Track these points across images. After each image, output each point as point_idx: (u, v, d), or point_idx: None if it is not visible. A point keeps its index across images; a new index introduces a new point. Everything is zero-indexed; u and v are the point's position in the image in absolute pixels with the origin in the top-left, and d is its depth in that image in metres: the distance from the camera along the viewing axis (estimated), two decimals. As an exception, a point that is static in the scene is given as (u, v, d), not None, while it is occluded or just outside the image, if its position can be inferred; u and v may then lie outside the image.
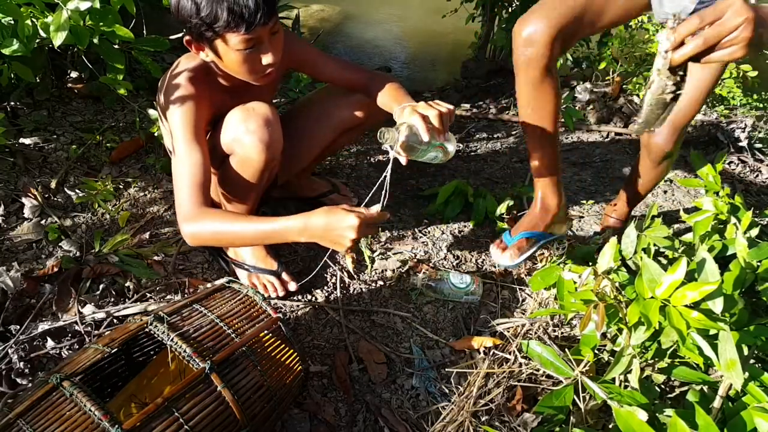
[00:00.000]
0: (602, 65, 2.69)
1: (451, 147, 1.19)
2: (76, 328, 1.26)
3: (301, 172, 1.66)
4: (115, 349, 0.97)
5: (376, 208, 1.09)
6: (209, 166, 1.24)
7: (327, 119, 1.53)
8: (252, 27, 1.10)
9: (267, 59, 1.17)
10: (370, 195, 1.27)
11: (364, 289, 1.51)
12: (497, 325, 1.43)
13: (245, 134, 1.22)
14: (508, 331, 1.40)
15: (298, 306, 1.44)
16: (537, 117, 1.29)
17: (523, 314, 1.46)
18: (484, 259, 1.65)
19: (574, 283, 1.20)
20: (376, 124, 1.65)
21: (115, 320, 1.29)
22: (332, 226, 1.06)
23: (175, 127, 1.21)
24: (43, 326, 1.24)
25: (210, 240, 1.21)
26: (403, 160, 1.13)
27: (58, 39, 1.28)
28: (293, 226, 1.10)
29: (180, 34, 1.76)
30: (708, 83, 1.32)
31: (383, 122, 1.49)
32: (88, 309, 1.30)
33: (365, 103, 1.48)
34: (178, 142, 1.21)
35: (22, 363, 1.17)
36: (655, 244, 1.23)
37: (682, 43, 0.83)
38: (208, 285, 1.38)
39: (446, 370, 1.31)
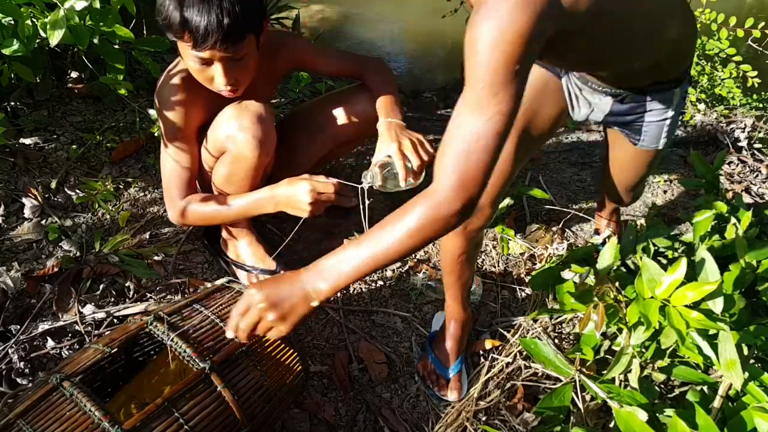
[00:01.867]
0: (602, 65, 2.69)
1: (419, 182, 1.24)
2: (77, 328, 1.26)
3: None
4: (116, 349, 0.97)
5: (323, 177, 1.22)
6: (196, 165, 1.32)
7: (325, 131, 1.53)
8: (199, 46, 1.10)
9: (217, 80, 1.19)
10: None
11: (364, 289, 1.51)
12: (497, 324, 1.43)
13: (238, 131, 1.22)
14: (509, 331, 1.40)
15: (298, 306, 1.44)
16: (462, 280, 1.25)
17: (524, 314, 1.46)
18: (483, 259, 1.65)
19: (574, 283, 1.20)
20: (373, 136, 1.67)
21: (115, 320, 1.29)
22: (292, 194, 1.21)
23: (165, 125, 1.26)
24: (43, 326, 1.24)
25: (197, 223, 1.35)
26: (375, 186, 1.20)
27: (55, 38, 1.28)
28: (262, 197, 1.25)
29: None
30: (646, 164, 1.27)
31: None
32: (89, 309, 1.30)
33: (363, 117, 1.49)
34: (169, 140, 1.27)
35: (22, 363, 1.17)
36: (654, 244, 1.23)
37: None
38: (208, 285, 1.38)
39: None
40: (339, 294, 1.48)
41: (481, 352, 1.36)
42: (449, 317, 1.32)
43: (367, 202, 1.17)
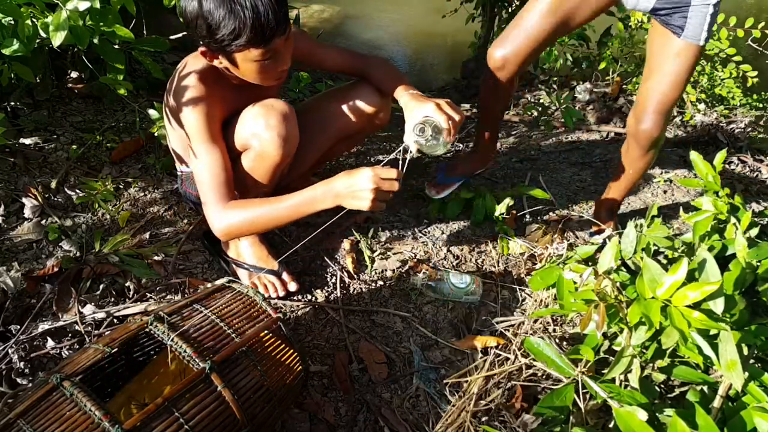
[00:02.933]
0: (602, 65, 2.69)
1: (453, 142, 1.30)
2: (77, 328, 1.26)
3: (298, 177, 1.66)
4: (116, 349, 0.97)
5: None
6: (230, 163, 1.26)
7: (326, 126, 1.54)
8: (271, 41, 1.13)
9: (282, 66, 1.22)
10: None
11: (364, 289, 1.51)
12: (498, 323, 1.42)
13: (265, 129, 1.24)
14: (509, 331, 1.40)
15: (298, 306, 1.44)
16: (493, 109, 1.69)
17: (523, 314, 1.46)
18: (484, 259, 1.65)
19: (575, 283, 1.20)
20: (374, 133, 1.67)
21: (115, 320, 1.29)
22: (352, 183, 1.12)
23: (192, 128, 1.23)
24: (43, 326, 1.24)
25: (244, 229, 1.22)
26: (414, 150, 1.19)
27: (58, 39, 1.28)
28: (319, 192, 1.16)
29: (179, 35, 1.76)
30: (684, 69, 1.38)
31: (381, 131, 1.51)
32: (89, 309, 1.30)
33: (365, 112, 1.50)
34: (197, 143, 1.23)
35: (22, 363, 1.17)
36: (654, 244, 1.23)
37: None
38: (208, 285, 1.38)
39: (446, 370, 1.31)
40: (339, 294, 1.48)
41: (482, 352, 1.36)
42: (479, 144, 1.79)
43: (408, 158, 1.19)
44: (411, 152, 1.19)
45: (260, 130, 1.25)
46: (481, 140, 1.81)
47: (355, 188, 1.12)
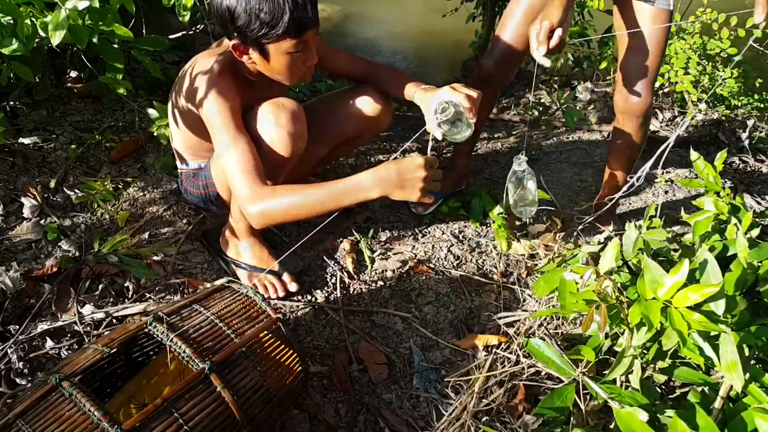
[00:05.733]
0: (603, 65, 2.68)
1: (474, 122, 1.26)
2: (76, 328, 1.26)
3: (298, 177, 1.66)
4: (115, 350, 0.97)
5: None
6: (256, 150, 1.24)
7: (329, 128, 1.54)
8: (306, 32, 1.16)
9: (310, 61, 1.24)
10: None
11: (364, 289, 1.51)
12: (499, 319, 1.42)
13: (275, 127, 1.25)
14: (510, 329, 1.39)
15: (298, 306, 1.43)
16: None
17: (525, 314, 1.46)
18: (484, 260, 1.65)
19: (576, 283, 1.20)
20: (374, 137, 1.67)
21: (114, 320, 1.29)
22: (403, 170, 1.07)
23: (216, 120, 1.23)
24: (42, 326, 1.24)
25: (280, 214, 1.16)
26: (439, 136, 1.20)
27: (57, 38, 1.28)
28: (365, 180, 1.09)
29: (178, 34, 1.76)
30: (662, 34, 1.42)
31: (382, 134, 1.51)
32: (88, 309, 1.30)
33: (367, 116, 1.50)
34: (224, 134, 1.22)
35: (21, 363, 1.17)
36: (654, 245, 1.23)
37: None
38: (208, 285, 1.38)
39: (447, 371, 1.31)
40: (339, 294, 1.48)
41: (483, 351, 1.36)
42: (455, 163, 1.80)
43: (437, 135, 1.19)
44: (436, 138, 1.18)
45: (270, 128, 1.26)
46: (456, 158, 1.84)
47: (406, 177, 1.07)
